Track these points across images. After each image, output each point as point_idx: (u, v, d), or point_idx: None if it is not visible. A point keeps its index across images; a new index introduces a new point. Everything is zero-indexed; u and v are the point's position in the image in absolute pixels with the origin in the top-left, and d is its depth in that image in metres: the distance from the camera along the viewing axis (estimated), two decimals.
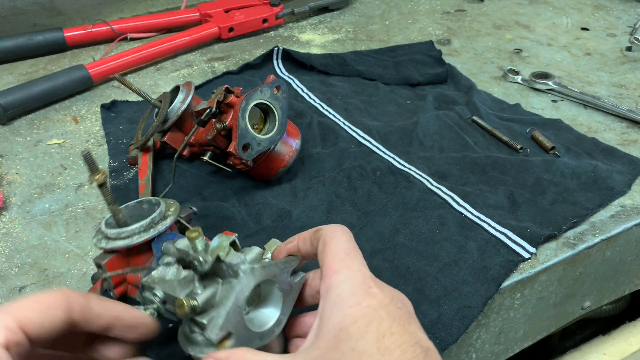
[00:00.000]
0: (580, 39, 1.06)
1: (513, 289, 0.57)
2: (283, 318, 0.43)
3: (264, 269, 0.42)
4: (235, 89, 0.65)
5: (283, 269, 0.43)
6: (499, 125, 0.78)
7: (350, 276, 0.39)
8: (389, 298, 0.38)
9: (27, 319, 0.34)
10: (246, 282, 0.41)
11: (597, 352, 0.79)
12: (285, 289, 0.43)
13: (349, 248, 0.41)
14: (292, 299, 0.44)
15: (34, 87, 0.83)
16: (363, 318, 0.37)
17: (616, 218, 0.63)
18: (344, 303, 0.38)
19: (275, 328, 0.43)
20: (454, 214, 0.63)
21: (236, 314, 0.40)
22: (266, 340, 0.42)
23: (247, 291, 0.41)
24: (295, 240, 0.45)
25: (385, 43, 1.04)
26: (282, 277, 0.43)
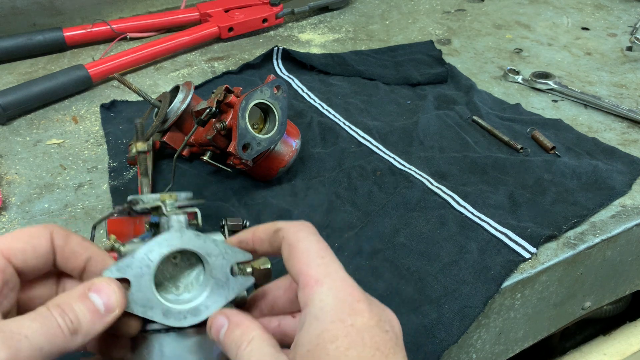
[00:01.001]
0: (580, 38, 1.06)
1: (513, 289, 0.57)
2: (203, 310, 0.38)
3: (197, 238, 0.38)
4: (235, 89, 0.65)
5: (223, 254, 0.38)
6: (500, 125, 0.78)
7: (333, 287, 0.35)
8: (376, 318, 0.34)
9: (10, 247, 0.35)
10: (169, 237, 0.37)
11: (598, 353, 0.79)
12: (220, 279, 0.38)
13: (322, 249, 0.37)
14: (224, 296, 0.38)
15: (34, 87, 0.83)
16: (344, 338, 0.33)
17: (617, 218, 0.63)
18: (326, 317, 0.34)
19: (187, 315, 0.38)
20: (454, 214, 0.63)
21: (142, 264, 0.36)
22: (171, 320, 0.37)
23: (166, 247, 0.37)
24: (250, 238, 0.41)
25: (386, 43, 1.03)
26: (218, 262, 0.38)
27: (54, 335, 0.32)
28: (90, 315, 0.34)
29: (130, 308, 0.36)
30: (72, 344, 0.33)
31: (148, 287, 0.37)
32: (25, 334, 0.31)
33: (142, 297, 0.37)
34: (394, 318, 0.37)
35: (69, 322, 0.33)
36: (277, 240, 0.38)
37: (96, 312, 0.34)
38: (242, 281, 0.39)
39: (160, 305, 0.37)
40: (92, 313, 0.34)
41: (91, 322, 0.34)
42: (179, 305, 0.38)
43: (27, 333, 0.31)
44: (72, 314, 0.33)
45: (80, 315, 0.33)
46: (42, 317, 0.32)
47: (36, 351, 0.31)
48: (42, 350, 0.31)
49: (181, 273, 0.40)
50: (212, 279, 0.38)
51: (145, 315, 0.37)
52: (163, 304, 0.37)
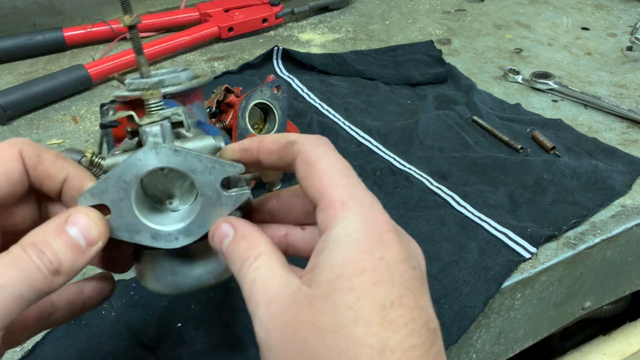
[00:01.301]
0: (580, 38, 1.06)
1: (513, 289, 0.57)
2: (195, 229, 0.34)
3: (176, 154, 0.33)
4: (235, 89, 0.65)
5: (209, 169, 0.33)
6: (500, 125, 0.78)
7: (361, 213, 0.30)
8: (405, 252, 0.30)
9: None
10: (143, 157, 0.33)
11: (598, 353, 0.79)
12: (209, 196, 0.34)
13: (346, 168, 0.32)
14: (217, 213, 0.34)
15: (34, 87, 0.83)
16: (372, 272, 0.28)
17: (617, 218, 0.63)
18: (352, 245, 0.29)
19: (179, 235, 0.34)
20: (454, 214, 0.63)
21: (118, 188, 0.33)
22: (162, 242, 0.34)
23: (141, 167, 0.33)
24: (255, 148, 0.35)
25: (385, 43, 1.03)
26: (205, 179, 0.34)
27: (34, 279, 0.29)
28: (70, 252, 0.30)
29: (115, 234, 0.33)
30: (54, 285, 0.30)
31: (130, 211, 0.33)
32: (1, 282, 0.28)
33: (126, 222, 0.34)
34: (420, 252, 0.34)
35: (48, 263, 0.29)
36: (290, 154, 0.33)
37: (77, 246, 0.31)
38: (236, 197, 0.35)
39: (147, 228, 0.34)
40: (73, 249, 0.30)
41: (73, 259, 0.30)
42: (168, 227, 0.34)
43: (3, 281, 0.28)
44: (51, 253, 0.30)
45: (60, 253, 0.30)
46: (18, 261, 0.29)
47: (16, 299, 0.28)
48: (23, 297, 0.28)
49: (173, 183, 0.37)
50: (202, 197, 0.34)
51: (132, 240, 0.34)
52: (150, 227, 0.34)
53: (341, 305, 0.28)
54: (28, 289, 0.29)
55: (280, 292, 0.30)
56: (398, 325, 0.28)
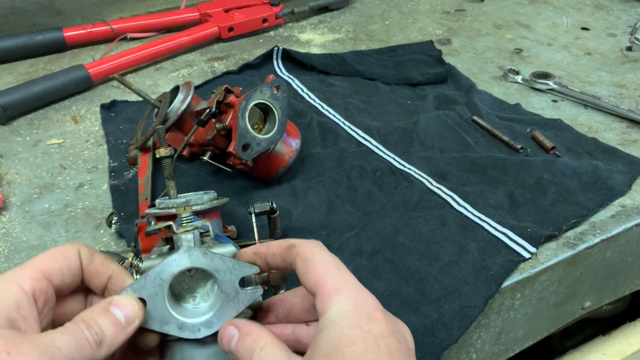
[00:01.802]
0: (580, 38, 1.06)
1: (513, 289, 0.57)
2: (215, 322, 0.40)
3: (205, 256, 0.40)
4: (235, 89, 0.65)
5: (230, 269, 0.41)
6: (499, 125, 0.78)
7: (352, 295, 0.37)
8: (391, 328, 0.36)
9: (51, 268, 0.37)
10: (178, 258, 0.39)
11: (597, 353, 0.79)
12: (229, 292, 0.41)
13: (336, 262, 0.39)
14: (234, 308, 0.41)
15: (34, 87, 0.83)
16: (361, 343, 0.34)
17: (616, 218, 0.63)
18: (345, 322, 0.35)
19: (201, 327, 0.40)
20: (454, 214, 0.63)
21: (155, 284, 0.39)
22: (186, 333, 0.40)
23: (175, 267, 0.39)
24: (263, 252, 0.43)
25: (385, 43, 1.03)
26: (226, 278, 0.40)
27: (83, 346, 0.35)
28: (113, 327, 0.36)
29: (148, 324, 0.39)
30: (98, 354, 0.35)
31: (162, 305, 0.40)
32: (58, 346, 0.33)
33: (158, 314, 0.40)
34: (407, 331, 0.39)
35: (94, 335, 0.35)
36: (291, 256, 0.40)
37: (118, 324, 0.37)
38: (251, 294, 0.41)
39: (175, 320, 0.40)
40: (115, 325, 0.37)
41: (114, 334, 0.36)
42: (192, 319, 0.40)
43: (59, 345, 0.33)
44: (97, 327, 0.36)
45: (104, 328, 0.36)
46: (71, 331, 0.35)
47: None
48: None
49: (197, 283, 0.42)
50: (223, 293, 0.40)
51: (162, 330, 0.40)
52: (178, 319, 0.40)
53: None
54: (78, 354, 0.34)
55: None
56: None
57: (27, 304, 0.35)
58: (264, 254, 0.42)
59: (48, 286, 0.37)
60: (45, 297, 0.37)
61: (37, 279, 0.36)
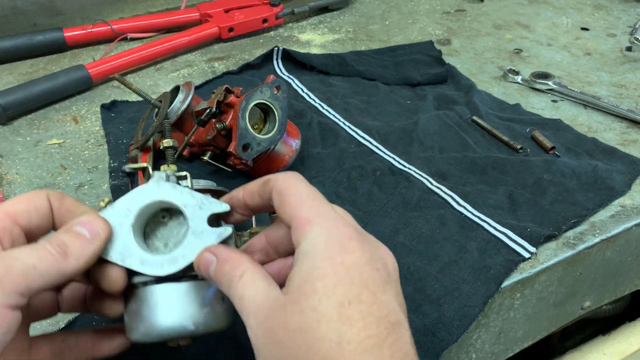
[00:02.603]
0: (580, 39, 1.06)
1: (513, 288, 0.57)
2: (180, 258, 0.38)
3: (173, 189, 0.39)
4: (235, 89, 0.65)
5: (199, 205, 0.39)
6: (499, 125, 0.78)
7: (325, 225, 0.35)
8: (367, 256, 0.35)
9: (15, 209, 0.37)
10: (146, 188, 0.39)
11: (597, 352, 0.79)
12: (196, 229, 0.39)
13: (312, 193, 0.37)
14: (201, 246, 0.39)
15: (34, 87, 0.83)
16: (332, 276, 0.33)
17: (616, 218, 0.63)
18: (317, 254, 0.34)
19: (164, 263, 0.38)
20: (454, 213, 0.63)
21: (120, 214, 0.38)
22: (149, 268, 0.38)
23: (143, 197, 0.38)
24: (240, 193, 0.41)
25: (385, 43, 1.04)
26: (195, 213, 0.39)
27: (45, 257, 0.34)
28: (77, 240, 0.36)
29: (109, 256, 0.38)
30: (68, 265, 0.35)
31: (126, 236, 0.38)
32: (15, 256, 0.33)
33: (121, 246, 0.38)
34: (388, 255, 0.37)
35: (57, 246, 0.35)
36: (267, 191, 0.39)
37: (82, 236, 0.36)
38: (219, 231, 0.39)
39: (138, 254, 0.38)
40: (79, 237, 0.36)
41: (80, 246, 0.36)
42: (156, 256, 0.38)
43: (17, 255, 0.33)
44: (59, 241, 0.35)
45: (66, 240, 0.36)
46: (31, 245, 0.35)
47: (29, 268, 0.33)
48: (36, 268, 0.33)
49: (171, 232, 0.41)
50: (190, 229, 0.39)
51: (123, 263, 0.38)
52: (141, 253, 0.38)
53: (307, 307, 0.33)
54: (40, 262, 0.33)
55: (263, 303, 0.35)
56: (355, 320, 0.32)
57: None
58: (241, 194, 0.41)
59: (13, 225, 0.36)
60: (11, 236, 0.36)
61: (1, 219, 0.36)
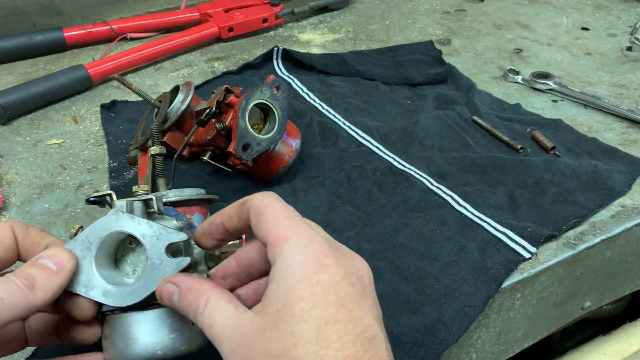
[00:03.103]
0: (580, 38, 1.06)
1: (513, 289, 0.57)
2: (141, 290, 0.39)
3: (132, 220, 0.39)
4: (235, 89, 0.65)
5: (157, 235, 0.39)
6: (499, 125, 0.78)
7: (300, 243, 0.35)
8: (342, 272, 0.34)
9: None
10: (106, 220, 0.39)
11: (598, 353, 0.79)
12: (154, 260, 0.39)
13: (288, 212, 0.37)
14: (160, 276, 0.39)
15: (34, 87, 0.83)
16: (309, 298, 0.33)
17: (616, 218, 0.63)
18: (293, 275, 0.34)
19: (127, 295, 0.39)
20: (454, 213, 0.63)
21: (83, 247, 0.39)
22: (112, 300, 0.39)
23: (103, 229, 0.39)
24: (219, 218, 0.41)
25: (385, 43, 1.04)
26: (153, 244, 0.39)
27: (12, 289, 0.34)
28: (43, 273, 0.36)
29: (74, 288, 0.39)
30: (35, 298, 0.35)
31: (89, 268, 0.39)
32: None
33: (85, 278, 0.39)
34: (363, 267, 0.37)
35: (24, 280, 0.35)
36: (245, 212, 0.38)
37: (48, 269, 0.37)
38: (177, 262, 0.40)
39: (101, 285, 0.39)
40: (45, 271, 0.36)
41: (46, 279, 0.36)
42: (119, 288, 0.39)
43: None
44: (25, 274, 0.36)
45: (33, 274, 0.36)
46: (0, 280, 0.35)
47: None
48: (4, 301, 0.33)
49: (138, 257, 0.42)
50: (149, 260, 0.39)
51: (87, 295, 0.39)
52: (103, 285, 0.39)
53: (285, 331, 0.32)
54: (8, 296, 0.34)
55: (237, 328, 0.34)
56: (332, 341, 0.32)
57: None
58: (219, 221, 0.40)
59: None
60: None
61: None
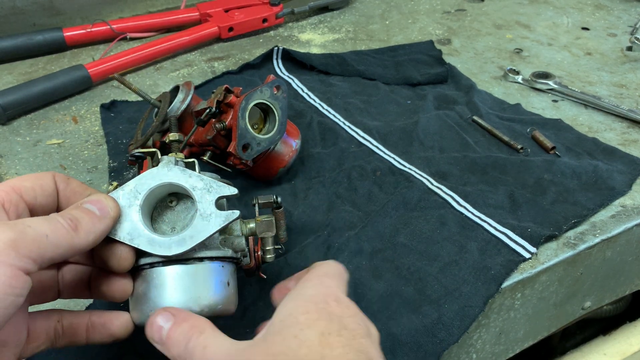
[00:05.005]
0: (580, 38, 1.05)
1: (513, 289, 0.57)
2: (188, 240, 0.39)
3: (183, 173, 0.39)
4: (235, 89, 0.65)
5: (208, 188, 0.40)
6: (500, 125, 0.78)
7: (317, 284, 0.38)
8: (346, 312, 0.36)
9: (21, 185, 0.38)
10: (156, 171, 0.39)
11: (598, 353, 0.79)
12: (204, 212, 0.39)
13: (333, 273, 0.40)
14: (208, 229, 0.39)
15: (34, 87, 0.83)
16: (315, 312, 0.35)
17: (617, 218, 0.63)
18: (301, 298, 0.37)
19: (172, 244, 0.39)
20: (454, 213, 0.63)
21: (130, 196, 0.39)
22: (156, 249, 0.39)
23: (152, 180, 0.39)
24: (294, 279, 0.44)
25: (386, 43, 1.03)
26: (204, 196, 0.39)
27: (57, 228, 0.35)
28: (87, 216, 0.37)
29: (118, 236, 0.39)
30: (78, 239, 0.36)
31: (135, 217, 0.39)
32: (29, 224, 0.34)
33: (129, 226, 0.39)
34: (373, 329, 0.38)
35: (69, 220, 0.36)
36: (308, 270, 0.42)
37: (92, 213, 0.37)
38: (227, 214, 0.40)
39: (146, 235, 0.39)
40: (89, 214, 0.37)
41: (90, 222, 0.37)
42: (164, 237, 0.39)
43: (30, 223, 0.34)
44: (70, 215, 0.36)
45: (77, 216, 0.36)
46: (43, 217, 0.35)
47: (42, 236, 0.33)
48: (49, 237, 0.34)
49: (178, 216, 0.42)
50: (198, 212, 0.39)
51: (131, 243, 0.39)
52: (149, 234, 0.39)
53: (289, 335, 0.34)
54: (52, 234, 0.34)
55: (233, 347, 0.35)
56: (335, 346, 0.33)
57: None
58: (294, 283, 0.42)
59: (19, 200, 0.37)
60: (16, 210, 0.37)
61: (7, 191, 0.37)
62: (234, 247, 0.42)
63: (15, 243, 0.32)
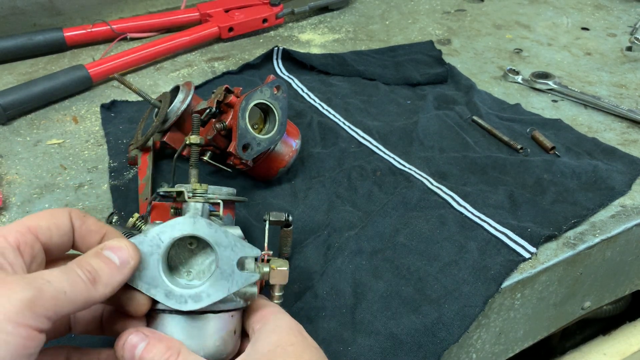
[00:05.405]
0: (580, 38, 1.06)
1: (513, 289, 0.57)
2: (204, 297, 0.39)
3: (209, 226, 0.39)
4: (235, 89, 0.65)
5: (232, 246, 0.39)
6: (499, 125, 0.78)
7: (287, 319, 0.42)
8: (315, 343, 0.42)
9: (37, 225, 0.37)
10: (182, 222, 0.39)
11: (598, 353, 0.79)
12: (225, 270, 0.39)
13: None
14: (227, 287, 0.39)
15: (34, 87, 0.83)
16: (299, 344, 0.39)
17: (616, 218, 0.63)
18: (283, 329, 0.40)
19: (188, 299, 0.38)
20: (454, 213, 0.63)
21: (152, 243, 0.38)
22: (172, 302, 0.38)
23: (177, 230, 0.38)
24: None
25: (385, 43, 1.04)
26: (226, 254, 0.39)
27: (75, 282, 0.34)
28: (107, 267, 0.36)
29: (136, 284, 0.38)
30: (95, 293, 0.35)
31: (155, 267, 0.38)
32: (47, 279, 0.33)
33: (149, 275, 0.38)
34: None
35: (87, 272, 0.35)
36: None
37: (112, 264, 0.36)
38: (247, 276, 0.40)
39: (164, 286, 0.38)
40: (108, 265, 0.36)
41: (109, 274, 0.36)
42: (182, 289, 0.39)
43: (49, 278, 0.33)
44: (89, 267, 0.35)
45: (97, 267, 0.36)
46: (63, 269, 0.34)
47: (60, 293, 0.33)
48: (67, 294, 0.33)
49: (195, 259, 0.41)
50: (218, 270, 0.39)
51: (148, 293, 0.38)
52: (167, 285, 0.38)
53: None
54: (70, 288, 0.33)
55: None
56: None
57: (11, 253, 0.35)
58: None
59: (34, 241, 0.36)
60: (32, 251, 0.36)
61: (22, 232, 0.36)
62: (246, 297, 0.42)
63: (33, 302, 0.31)
